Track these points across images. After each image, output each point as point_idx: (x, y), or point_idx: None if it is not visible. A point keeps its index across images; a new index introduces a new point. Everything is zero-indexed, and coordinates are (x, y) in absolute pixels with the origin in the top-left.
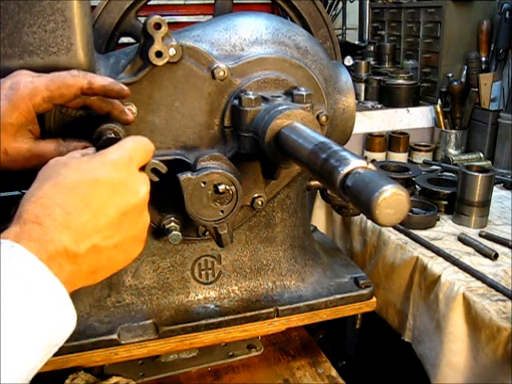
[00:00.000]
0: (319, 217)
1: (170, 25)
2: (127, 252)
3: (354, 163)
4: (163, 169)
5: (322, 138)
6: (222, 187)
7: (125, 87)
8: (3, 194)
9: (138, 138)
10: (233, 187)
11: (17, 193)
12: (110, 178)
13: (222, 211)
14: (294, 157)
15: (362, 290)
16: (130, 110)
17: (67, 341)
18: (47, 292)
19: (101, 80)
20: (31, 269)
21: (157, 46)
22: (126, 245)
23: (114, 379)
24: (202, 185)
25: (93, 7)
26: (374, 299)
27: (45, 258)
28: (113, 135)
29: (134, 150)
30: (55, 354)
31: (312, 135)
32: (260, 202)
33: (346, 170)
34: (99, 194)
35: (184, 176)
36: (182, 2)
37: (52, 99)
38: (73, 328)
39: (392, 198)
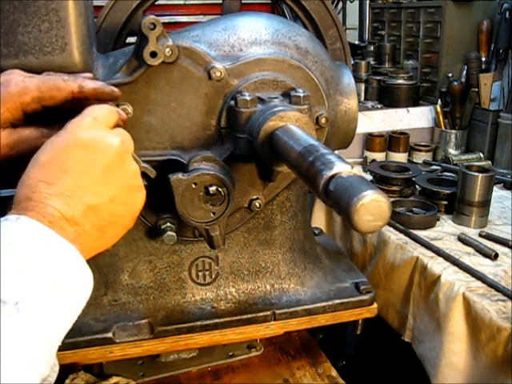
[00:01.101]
0: (319, 217)
1: (170, 25)
2: (128, 203)
3: (338, 167)
4: (152, 173)
5: (312, 141)
6: (212, 189)
7: (115, 89)
8: (3, 194)
9: (96, 105)
10: (224, 189)
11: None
12: (78, 139)
13: (214, 213)
14: (285, 159)
15: (363, 295)
16: (126, 110)
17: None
18: (59, 252)
19: (91, 83)
20: (39, 234)
21: (151, 46)
22: (123, 196)
23: (114, 379)
24: (193, 186)
25: (100, 7)
26: (375, 305)
27: (46, 222)
28: None
29: (94, 111)
30: None
31: (303, 137)
32: (258, 204)
33: (329, 173)
34: (73, 157)
35: (175, 177)
36: (182, 2)
37: (42, 100)
38: (91, 286)
39: (371, 205)
